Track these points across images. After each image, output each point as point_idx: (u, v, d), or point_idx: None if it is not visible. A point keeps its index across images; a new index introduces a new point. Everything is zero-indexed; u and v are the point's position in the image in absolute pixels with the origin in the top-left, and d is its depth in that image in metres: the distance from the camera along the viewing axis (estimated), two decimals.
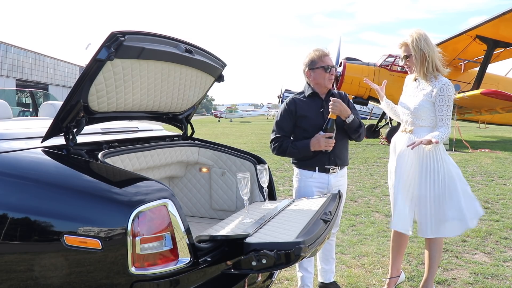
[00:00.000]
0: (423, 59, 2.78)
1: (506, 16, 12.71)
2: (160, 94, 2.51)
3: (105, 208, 1.69)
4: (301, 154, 2.90)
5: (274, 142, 2.96)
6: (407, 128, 2.94)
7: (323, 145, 2.79)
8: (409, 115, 2.90)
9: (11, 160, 1.87)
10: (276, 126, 2.98)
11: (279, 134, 2.95)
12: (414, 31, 2.83)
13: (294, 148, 2.88)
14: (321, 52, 2.91)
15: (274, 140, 2.96)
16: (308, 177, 2.92)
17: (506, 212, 5.54)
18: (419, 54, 2.78)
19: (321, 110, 2.92)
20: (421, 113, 2.84)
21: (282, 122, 2.96)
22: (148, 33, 2.07)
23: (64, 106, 1.98)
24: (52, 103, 3.59)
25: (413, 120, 2.88)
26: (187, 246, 1.75)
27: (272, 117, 64.53)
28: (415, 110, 2.85)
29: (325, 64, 2.88)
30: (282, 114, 2.97)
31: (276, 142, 2.94)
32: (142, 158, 2.56)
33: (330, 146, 2.81)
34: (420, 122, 2.86)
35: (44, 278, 1.71)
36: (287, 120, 2.94)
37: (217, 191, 3.09)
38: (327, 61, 2.89)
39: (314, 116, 2.90)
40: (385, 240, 4.38)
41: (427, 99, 2.82)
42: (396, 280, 3.21)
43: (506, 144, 16.21)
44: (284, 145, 2.91)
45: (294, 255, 1.68)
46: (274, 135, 2.97)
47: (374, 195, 6.61)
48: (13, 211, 1.74)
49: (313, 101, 2.95)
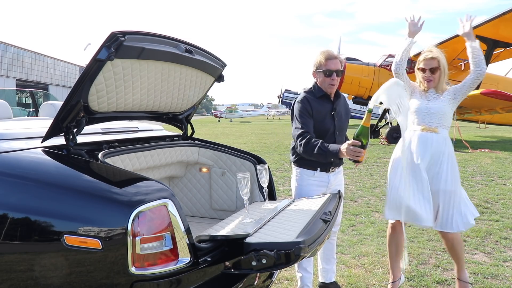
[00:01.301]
0: (445, 73, 3.05)
1: (506, 16, 12.72)
2: (160, 94, 2.51)
3: (105, 208, 1.69)
4: (327, 159, 2.74)
5: (300, 138, 2.75)
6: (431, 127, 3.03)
7: (348, 154, 2.56)
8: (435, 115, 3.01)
9: (11, 160, 1.87)
10: (299, 123, 2.80)
11: (303, 130, 2.77)
12: (436, 48, 3.08)
13: (322, 150, 2.66)
14: (326, 55, 2.83)
15: (300, 135, 2.76)
16: (309, 176, 2.92)
17: (506, 212, 5.55)
18: (443, 68, 3.03)
19: (332, 113, 2.88)
20: (446, 113, 3.04)
21: (304, 119, 2.80)
22: (148, 33, 2.07)
23: (64, 106, 1.98)
24: (52, 103, 3.59)
25: (438, 120, 3.03)
26: (187, 246, 1.75)
27: (272, 117, 64.58)
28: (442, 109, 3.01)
29: (327, 69, 2.80)
30: (302, 111, 2.82)
31: (303, 138, 2.73)
32: (142, 158, 2.57)
33: (357, 157, 2.55)
34: (444, 121, 3.05)
35: (44, 278, 1.71)
36: (308, 117, 2.81)
37: (217, 191, 3.09)
38: (329, 65, 2.80)
39: (325, 118, 2.85)
40: (385, 240, 4.37)
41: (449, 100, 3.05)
42: (398, 283, 3.25)
43: (506, 144, 16.21)
44: (312, 143, 2.70)
45: (294, 255, 1.68)
46: (299, 131, 2.78)
47: (374, 195, 6.61)
48: (13, 211, 1.74)
49: (324, 102, 2.87)
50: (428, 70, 3.02)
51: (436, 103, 3.03)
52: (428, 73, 3.03)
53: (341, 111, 2.96)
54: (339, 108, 2.93)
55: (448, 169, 2.98)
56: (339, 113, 2.94)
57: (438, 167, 2.99)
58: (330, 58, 2.82)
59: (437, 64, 3.01)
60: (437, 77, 3.03)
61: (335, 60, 2.83)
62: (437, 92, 3.07)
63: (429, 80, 3.04)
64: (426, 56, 3.02)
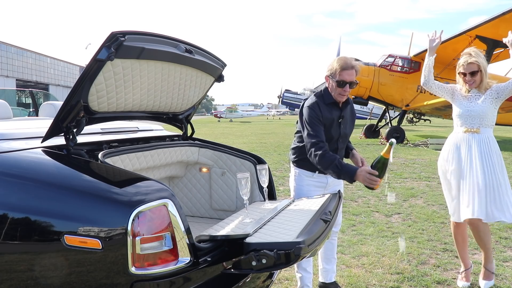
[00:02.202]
0: (486, 73, 3.17)
1: (506, 16, 12.71)
2: (160, 94, 2.51)
3: (105, 208, 1.69)
4: (339, 177, 2.70)
5: (316, 148, 2.67)
6: (472, 129, 3.20)
7: (363, 181, 2.57)
8: (476, 117, 3.18)
9: (11, 160, 1.87)
10: (311, 129, 2.72)
11: (316, 139, 2.69)
12: (475, 49, 3.20)
13: (337, 168, 2.61)
14: (342, 64, 2.72)
15: (315, 145, 2.68)
16: (308, 177, 2.92)
17: None
18: (483, 70, 3.15)
19: (340, 120, 2.84)
20: (488, 113, 3.19)
21: (317, 126, 2.73)
22: (148, 33, 2.07)
23: (64, 106, 1.98)
24: (52, 103, 3.59)
25: (480, 121, 3.19)
26: (187, 246, 1.75)
27: (272, 117, 64.55)
28: (483, 111, 3.16)
29: (341, 79, 2.71)
30: (313, 117, 2.74)
31: (319, 150, 2.66)
32: (142, 158, 2.57)
33: (371, 185, 2.56)
34: (486, 122, 3.21)
35: (44, 278, 1.71)
36: (319, 124, 2.74)
37: (217, 191, 3.09)
38: (344, 75, 2.70)
39: (332, 126, 2.82)
40: (385, 240, 4.39)
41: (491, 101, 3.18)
42: (471, 270, 3.42)
43: (506, 144, 16.20)
44: (328, 157, 2.64)
45: (294, 255, 1.68)
46: (314, 139, 2.69)
47: (374, 195, 6.61)
48: (14, 211, 1.74)
49: (333, 109, 2.82)
50: (469, 74, 3.16)
51: (477, 105, 3.17)
52: (468, 77, 3.17)
53: (347, 118, 2.92)
54: (346, 115, 2.89)
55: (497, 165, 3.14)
56: (346, 120, 2.90)
57: (489, 162, 3.13)
58: (346, 68, 2.71)
59: (476, 68, 3.12)
60: (478, 79, 3.16)
61: (351, 71, 2.72)
62: (480, 92, 3.20)
63: (470, 83, 3.18)
64: (465, 61, 3.15)
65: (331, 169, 2.66)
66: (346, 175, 2.63)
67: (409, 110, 17.63)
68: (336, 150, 2.88)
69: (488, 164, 3.12)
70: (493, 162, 3.13)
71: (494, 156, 3.15)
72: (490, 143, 3.18)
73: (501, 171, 3.16)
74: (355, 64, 2.78)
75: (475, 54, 3.14)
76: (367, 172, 2.56)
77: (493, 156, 3.15)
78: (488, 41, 13.97)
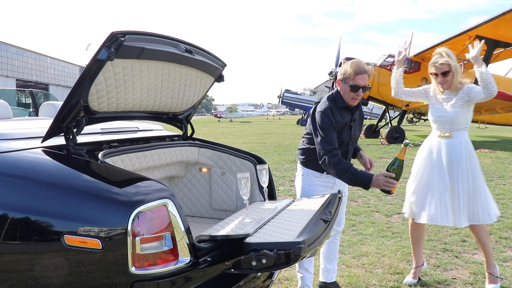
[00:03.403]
0: (457, 73, 3.12)
1: (506, 16, 12.70)
2: (160, 94, 2.51)
3: (105, 208, 1.69)
4: (354, 185, 2.70)
5: (329, 157, 2.66)
6: (444, 134, 3.19)
7: (381, 185, 2.56)
8: (447, 123, 3.16)
9: (11, 160, 1.87)
10: (325, 136, 2.70)
11: (330, 147, 2.68)
12: (446, 49, 3.15)
13: (353, 175, 2.61)
14: (356, 68, 2.72)
15: (329, 152, 2.67)
16: (317, 177, 2.93)
17: (506, 212, 5.54)
18: (454, 70, 3.11)
19: (351, 124, 2.85)
20: (459, 118, 3.14)
21: (330, 133, 2.72)
22: (148, 33, 2.07)
23: (64, 106, 1.98)
24: (52, 103, 3.59)
25: (451, 126, 3.16)
26: (187, 246, 1.75)
27: (272, 117, 64.55)
28: (453, 117, 3.13)
29: (354, 84, 2.71)
30: (326, 123, 2.72)
31: (332, 158, 2.65)
32: (142, 158, 2.56)
33: (388, 188, 2.56)
34: (458, 126, 3.17)
35: (44, 278, 1.71)
36: (332, 130, 2.73)
37: (217, 191, 3.09)
38: (358, 80, 2.71)
39: (344, 130, 2.82)
40: (385, 240, 4.39)
41: (462, 105, 3.13)
42: (421, 268, 3.44)
43: (506, 144, 16.20)
44: (343, 165, 2.65)
45: (294, 255, 1.68)
46: (328, 146, 2.68)
47: (374, 195, 6.60)
48: (13, 211, 1.74)
49: (344, 113, 2.81)
50: (440, 74, 3.13)
51: (447, 112, 3.15)
52: (440, 77, 3.14)
53: (357, 121, 2.93)
54: (356, 119, 2.91)
55: (468, 169, 3.11)
56: (356, 124, 2.92)
57: (458, 168, 3.11)
58: (360, 73, 2.71)
59: (448, 68, 3.09)
60: (449, 80, 3.12)
61: (364, 75, 2.73)
62: (452, 92, 3.17)
63: (442, 83, 3.15)
64: (436, 62, 3.11)
65: (346, 177, 2.66)
66: (362, 183, 2.62)
67: (409, 110, 17.63)
68: (346, 153, 2.91)
69: (456, 170, 3.11)
70: (462, 168, 3.11)
71: (464, 161, 3.11)
72: (462, 147, 3.14)
73: (472, 175, 3.12)
74: (368, 68, 2.79)
75: (446, 54, 3.10)
76: (384, 175, 2.56)
77: (462, 162, 3.11)
78: (488, 41, 13.96)
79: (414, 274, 3.37)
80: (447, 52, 3.12)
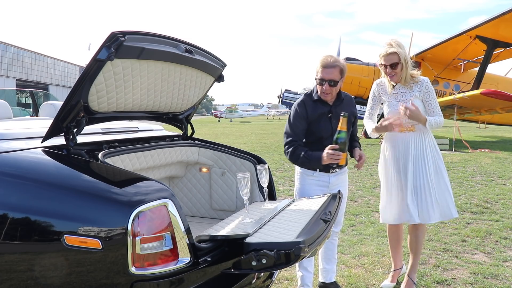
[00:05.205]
0: (406, 65, 2.99)
1: (506, 16, 12.71)
2: (160, 94, 2.51)
3: (105, 208, 1.69)
4: (312, 165, 2.82)
5: (287, 147, 2.84)
6: (406, 128, 3.08)
7: (328, 158, 2.63)
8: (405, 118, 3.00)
9: (11, 160, 1.87)
10: (288, 128, 2.86)
11: (291, 138, 2.83)
12: (395, 39, 3.01)
13: (306, 158, 2.75)
14: (322, 62, 2.76)
15: (287, 144, 2.85)
16: (309, 176, 2.93)
17: (505, 212, 5.55)
18: (404, 61, 2.97)
19: (329, 116, 2.86)
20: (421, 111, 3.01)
21: (294, 125, 2.84)
22: (148, 33, 2.07)
23: (64, 106, 1.98)
24: (52, 103, 3.59)
25: (410, 121, 3.03)
26: (187, 246, 1.75)
27: (272, 117, 64.56)
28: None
29: (320, 77, 2.76)
30: (294, 116, 2.85)
31: (290, 147, 2.82)
32: (142, 158, 2.57)
33: (335, 160, 2.63)
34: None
35: (44, 278, 1.71)
36: (299, 122, 2.83)
37: (217, 191, 3.09)
38: (323, 74, 2.74)
39: (322, 121, 2.85)
40: (385, 240, 4.38)
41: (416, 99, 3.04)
42: (400, 272, 3.39)
43: (506, 144, 16.20)
44: (297, 152, 2.78)
45: (294, 255, 1.68)
46: (287, 139, 2.85)
47: (374, 195, 6.61)
48: (14, 211, 1.74)
49: (320, 105, 2.86)
50: (389, 66, 3.01)
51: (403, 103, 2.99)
52: (389, 69, 3.02)
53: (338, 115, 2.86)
54: (339, 111, 2.85)
55: (430, 162, 3.04)
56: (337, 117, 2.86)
57: (423, 161, 3.05)
58: (325, 66, 2.74)
59: (397, 59, 2.96)
60: (399, 71, 3.00)
61: (331, 69, 2.73)
62: (405, 87, 3.06)
63: (391, 75, 3.04)
64: (385, 52, 2.99)
65: (301, 161, 2.79)
66: (316, 161, 2.70)
67: None
68: None
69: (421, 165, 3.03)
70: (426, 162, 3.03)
71: (429, 154, 3.04)
72: (425, 140, 3.05)
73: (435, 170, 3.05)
74: (339, 63, 2.76)
75: (395, 44, 2.96)
76: (329, 149, 2.62)
77: (428, 155, 3.04)
78: (488, 41, 13.98)
79: (392, 278, 3.32)
80: (397, 42, 2.99)
